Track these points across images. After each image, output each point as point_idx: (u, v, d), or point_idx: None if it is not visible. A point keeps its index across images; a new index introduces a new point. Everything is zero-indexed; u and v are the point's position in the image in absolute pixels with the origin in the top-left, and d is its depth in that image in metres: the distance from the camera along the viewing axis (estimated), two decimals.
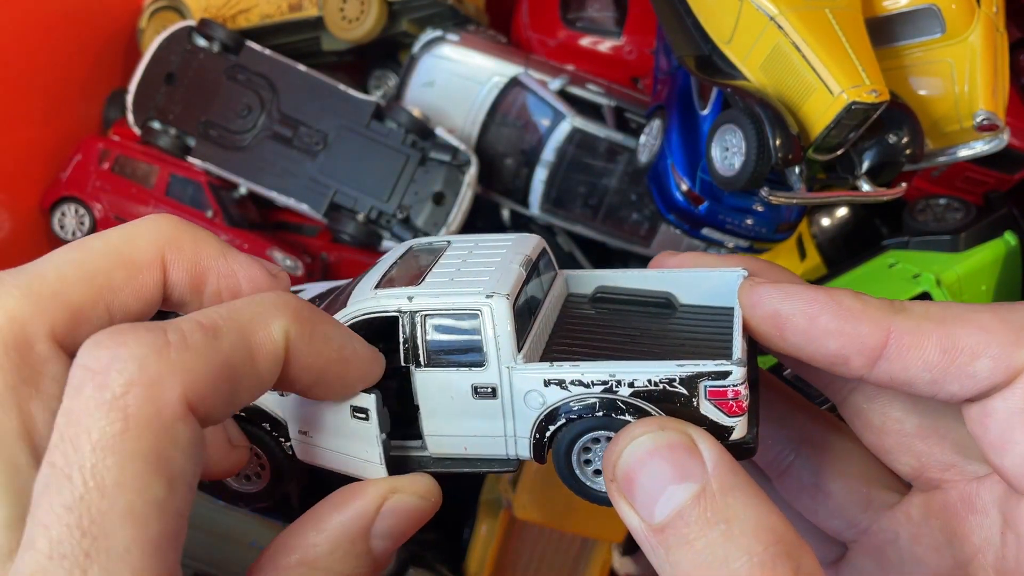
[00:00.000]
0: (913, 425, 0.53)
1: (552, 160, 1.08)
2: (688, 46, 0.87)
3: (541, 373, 0.52)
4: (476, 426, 0.54)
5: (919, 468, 0.53)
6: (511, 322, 0.52)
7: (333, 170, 1.07)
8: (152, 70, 1.09)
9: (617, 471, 0.45)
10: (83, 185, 1.08)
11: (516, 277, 0.55)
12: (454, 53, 1.12)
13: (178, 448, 0.36)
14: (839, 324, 0.48)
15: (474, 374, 0.53)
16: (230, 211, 1.08)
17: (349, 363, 0.49)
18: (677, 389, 0.49)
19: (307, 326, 0.44)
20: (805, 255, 1.06)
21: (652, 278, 0.62)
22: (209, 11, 1.15)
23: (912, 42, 0.87)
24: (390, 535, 0.48)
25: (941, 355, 0.47)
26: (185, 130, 1.09)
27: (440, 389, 0.53)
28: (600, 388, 0.50)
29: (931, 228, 0.95)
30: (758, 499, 0.42)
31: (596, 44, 1.19)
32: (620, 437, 0.46)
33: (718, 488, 0.42)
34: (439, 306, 0.53)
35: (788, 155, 0.77)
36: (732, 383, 0.49)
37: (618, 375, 0.50)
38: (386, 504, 0.48)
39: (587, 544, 1.10)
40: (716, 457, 0.43)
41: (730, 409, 0.50)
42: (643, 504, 0.43)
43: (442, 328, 0.53)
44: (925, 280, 0.89)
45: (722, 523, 0.40)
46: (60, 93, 1.12)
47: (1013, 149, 1.01)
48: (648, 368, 0.50)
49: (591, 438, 0.52)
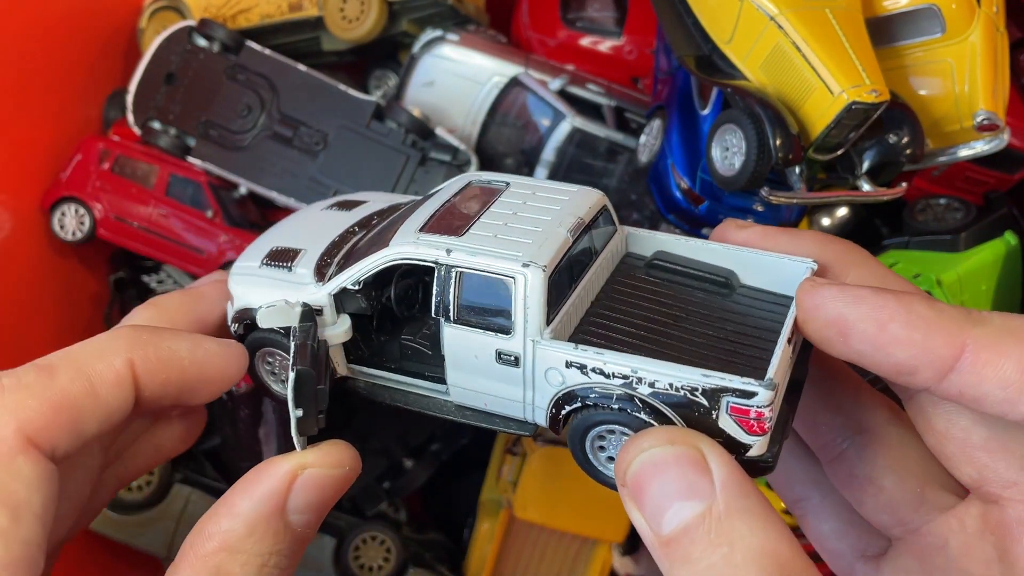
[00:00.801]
0: (980, 437, 0.50)
1: (552, 160, 1.08)
2: (688, 46, 0.87)
3: (564, 353, 0.51)
4: (497, 387, 0.54)
5: (979, 481, 0.50)
6: (543, 295, 0.51)
7: (333, 170, 1.07)
8: (152, 70, 1.09)
9: (628, 477, 0.45)
10: (83, 185, 1.08)
11: (560, 244, 0.53)
12: (454, 53, 1.12)
13: (20, 480, 0.39)
14: (910, 333, 0.45)
15: (499, 340, 0.52)
16: (230, 211, 1.08)
17: (205, 366, 0.51)
18: (697, 399, 0.48)
19: (148, 349, 0.48)
20: None
21: (715, 252, 0.59)
22: (209, 11, 1.15)
23: (912, 42, 0.87)
24: (308, 509, 0.49)
25: (1020, 374, 0.44)
26: (185, 130, 1.09)
27: (466, 346, 0.53)
28: (620, 381, 0.49)
29: (931, 228, 0.95)
30: (766, 523, 0.41)
31: (596, 44, 1.19)
32: (631, 444, 0.46)
33: (724, 509, 0.41)
34: (475, 265, 0.52)
35: (788, 155, 0.77)
36: (756, 404, 0.47)
37: (640, 372, 0.49)
38: (298, 480, 0.49)
39: (587, 544, 1.10)
40: (725, 476, 0.42)
41: (750, 428, 0.48)
42: (651, 514, 0.43)
43: (475, 288, 0.52)
44: (925, 280, 0.89)
45: (725, 546, 0.40)
46: (60, 93, 1.12)
47: (1013, 149, 1.01)
48: (672, 371, 0.48)
49: (606, 428, 0.52)
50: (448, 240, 0.54)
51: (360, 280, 0.57)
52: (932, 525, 0.54)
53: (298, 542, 0.49)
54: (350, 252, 0.61)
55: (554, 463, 1.03)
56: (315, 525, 0.51)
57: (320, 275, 0.59)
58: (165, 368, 0.49)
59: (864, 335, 0.47)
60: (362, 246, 0.61)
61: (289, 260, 0.61)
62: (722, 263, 0.60)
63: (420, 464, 1.15)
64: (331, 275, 0.59)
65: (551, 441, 1.02)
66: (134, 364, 0.47)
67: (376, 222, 0.65)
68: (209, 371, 0.52)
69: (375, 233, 0.62)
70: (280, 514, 0.48)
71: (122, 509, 1.05)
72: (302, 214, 0.72)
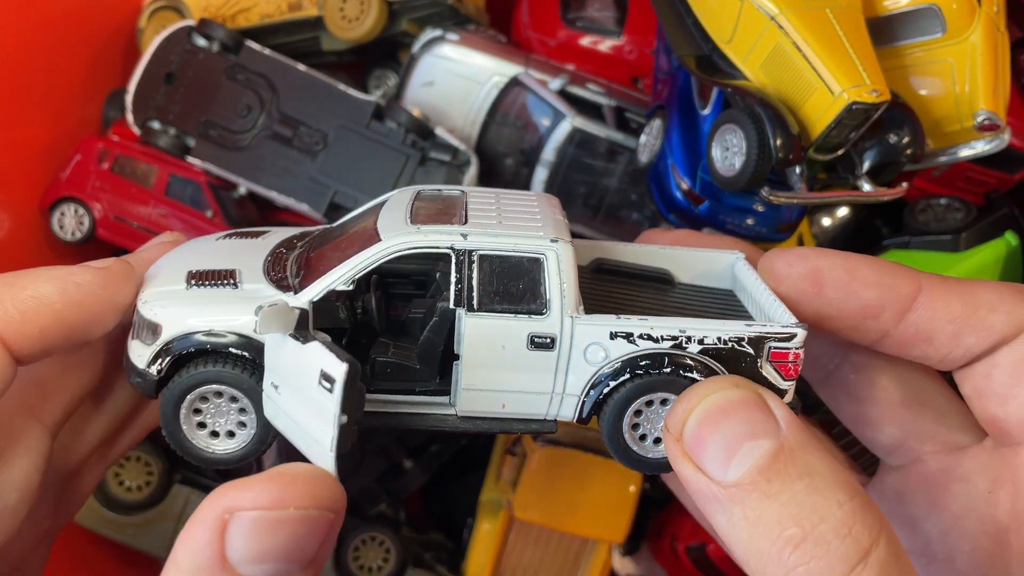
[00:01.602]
0: (899, 394, 0.55)
1: (552, 160, 1.07)
2: (688, 46, 0.87)
3: (607, 325, 0.49)
4: (523, 380, 0.51)
5: (901, 438, 0.55)
6: (575, 270, 0.50)
7: (333, 170, 1.07)
8: (152, 70, 1.09)
9: (686, 430, 0.45)
10: (83, 185, 1.08)
11: (567, 227, 0.53)
12: (454, 53, 1.12)
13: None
14: (877, 276, 0.51)
15: (533, 322, 0.50)
16: (229, 211, 1.08)
17: (84, 303, 0.47)
18: (745, 349, 0.49)
19: (7, 306, 0.45)
20: None
21: (650, 253, 0.61)
22: (209, 11, 1.15)
23: (913, 42, 0.87)
24: (264, 557, 0.39)
25: (963, 307, 0.50)
26: (185, 130, 1.09)
27: (491, 337, 0.50)
28: (669, 344, 0.49)
29: (932, 228, 0.95)
30: (831, 456, 0.43)
31: (596, 44, 1.19)
32: (689, 395, 0.46)
33: (796, 444, 0.43)
34: (499, 246, 0.50)
35: (789, 155, 0.77)
36: (795, 346, 0.49)
37: (689, 331, 0.49)
38: (229, 528, 0.39)
39: (587, 544, 1.10)
40: (787, 415, 0.44)
41: (787, 372, 0.50)
42: (715, 462, 0.43)
43: (500, 271, 0.50)
44: None
45: (805, 476, 0.41)
46: (60, 93, 1.12)
47: (1014, 149, 1.01)
48: (718, 326, 0.49)
49: (645, 401, 0.51)
50: (456, 227, 0.51)
51: (354, 279, 0.51)
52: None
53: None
54: (304, 265, 0.55)
55: (554, 463, 1.02)
56: (298, 571, 0.41)
57: (283, 287, 0.52)
58: (35, 319, 0.45)
59: (837, 282, 0.51)
60: (319, 257, 0.55)
61: (228, 278, 0.53)
62: (658, 263, 0.62)
63: (419, 465, 1.15)
64: (298, 285, 0.52)
65: (551, 441, 1.02)
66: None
67: (305, 242, 0.58)
68: (91, 305, 0.47)
69: (328, 246, 0.56)
70: (221, 567, 0.39)
71: (122, 510, 1.05)
72: (193, 244, 0.62)
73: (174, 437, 0.53)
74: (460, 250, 0.50)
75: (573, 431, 1.03)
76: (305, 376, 0.46)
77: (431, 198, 0.57)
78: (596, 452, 1.01)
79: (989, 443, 0.52)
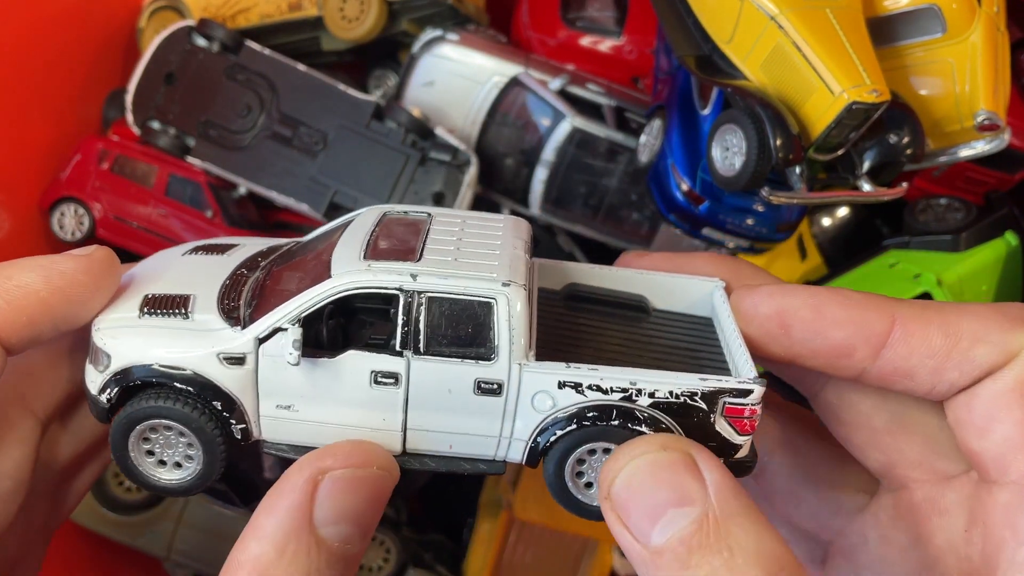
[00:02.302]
0: (882, 420, 0.52)
1: (552, 160, 1.07)
2: (689, 46, 0.87)
3: (556, 374, 0.49)
4: (468, 424, 0.50)
5: (887, 464, 0.53)
6: (527, 315, 0.49)
7: (333, 170, 1.07)
8: (152, 70, 1.09)
9: (613, 490, 0.44)
10: (82, 185, 1.08)
11: (525, 265, 0.51)
12: (454, 53, 1.12)
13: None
14: (846, 312, 0.48)
15: (480, 368, 0.49)
16: (229, 211, 1.08)
17: (67, 291, 0.47)
18: (697, 404, 0.48)
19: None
20: (806, 255, 1.06)
21: (625, 278, 0.59)
22: (209, 11, 1.15)
23: (913, 42, 0.87)
24: (341, 519, 0.44)
25: (944, 340, 0.47)
26: (185, 130, 1.09)
27: (437, 381, 0.50)
28: (619, 396, 0.48)
29: (932, 228, 0.95)
30: (760, 525, 0.41)
31: (596, 44, 1.19)
32: (619, 455, 0.45)
33: (720, 513, 0.41)
34: (448, 289, 0.49)
35: (789, 155, 0.77)
36: (751, 402, 0.48)
37: (639, 384, 0.48)
38: (320, 488, 0.44)
39: (587, 544, 1.10)
40: (719, 480, 0.42)
41: (743, 427, 0.48)
42: (639, 526, 0.42)
43: (448, 314, 0.49)
44: (926, 280, 0.88)
45: (725, 550, 0.40)
46: (59, 93, 1.12)
47: (1014, 149, 1.00)
48: (670, 380, 0.48)
49: (588, 449, 0.50)
50: (409, 265, 0.49)
51: (299, 318, 0.49)
52: (853, 525, 0.56)
53: (340, 560, 0.44)
54: (258, 293, 0.53)
55: None
56: (358, 538, 0.45)
57: (232, 320, 0.51)
58: (22, 308, 0.46)
59: (804, 322, 0.49)
60: (274, 285, 0.54)
61: (180, 306, 0.52)
62: (633, 289, 0.59)
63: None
64: (247, 318, 0.51)
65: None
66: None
67: (267, 262, 0.58)
68: (75, 293, 0.48)
69: (286, 270, 0.55)
70: (308, 529, 0.43)
71: (122, 510, 1.05)
72: (159, 259, 0.62)
73: (123, 463, 0.52)
74: (408, 291, 0.49)
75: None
76: (352, 382, 0.49)
77: (395, 224, 0.56)
78: None
79: (975, 474, 0.50)
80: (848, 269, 0.96)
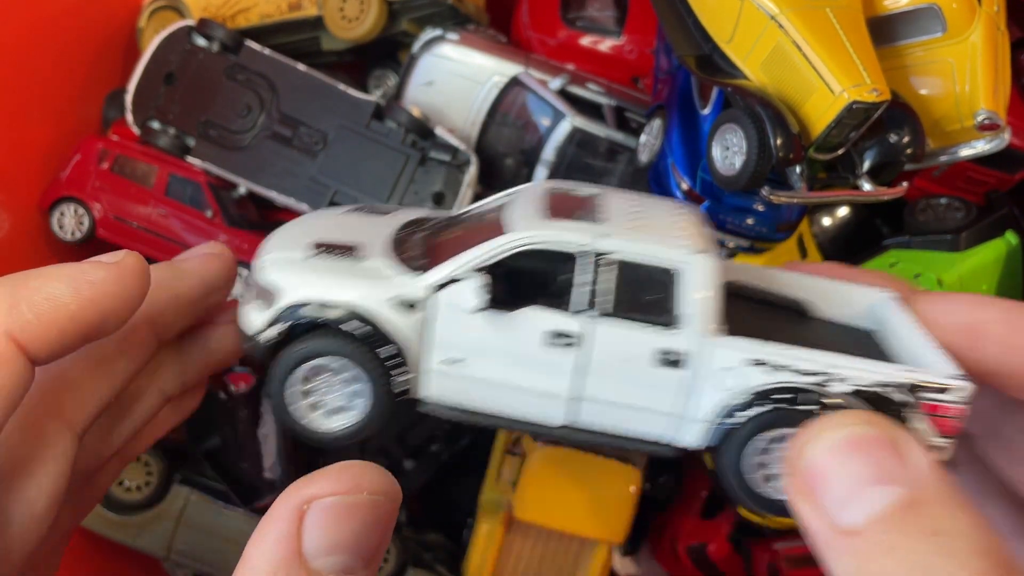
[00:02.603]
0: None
1: (552, 160, 1.07)
2: (689, 45, 0.87)
3: (749, 351, 0.46)
4: (642, 398, 0.47)
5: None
6: (719, 286, 0.46)
7: (333, 170, 1.07)
8: (151, 70, 1.09)
9: (803, 463, 0.40)
10: (82, 185, 1.08)
11: (714, 241, 0.49)
12: (454, 52, 1.12)
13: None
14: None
15: (664, 337, 0.46)
16: (229, 211, 1.08)
17: (98, 303, 0.46)
18: (895, 396, 0.45)
19: (23, 308, 0.44)
20: (806, 255, 1.06)
21: (784, 279, 0.56)
22: (208, 10, 1.15)
23: (913, 41, 0.87)
24: (334, 549, 0.41)
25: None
26: (184, 130, 1.09)
27: (615, 346, 0.47)
28: (813, 379, 0.45)
29: (932, 228, 0.95)
30: (973, 514, 0.37)
31: (596, 44, 1.19)
32: (814, 427, 0.40)
33: (932, 496, 0.37)
34: (639, 251, 0.46)
35: (789, 154, 0.77)
36: (958, 400, 0.45)
37: (839, 369, 0.45)
38: (306, 519, 0.40)
39: (587, 544, 1.10)
40: (928, 464, 0.38)
41: (946, 428, 0.45)
42: (832, 502, 0.38)
43: (635, 278, 0.47)
44: (926, 280, 0.89)
45: (935, 535, 0.36)
46: (59, 93, 1.12)
47: (1014, 149, 1.00)
48: (871, 368, 0.45)
49: (773, 436, 0.46)
50: (596, 226, 0.47)
51: (479, 268, 0.48)
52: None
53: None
54: (431, 248, 0.52)
55: (554, 463, 1.02)
56: (361, 567, 0.42)
57: (408, 267, 0.51)
58: (53, 322, 0.44)
59: (998, 337, 0.46)
60: (445, 241, 0.53)
61: (351, 251, 0.52)
62: (791, 293, 0.56)
63: (420, 465, 1.15)
64: (422, 268, 0.50)
65: (551, 441, 1.02)
66: (14, 336, 0.43)
67: (431, 224, 0.57)
68: (106, 304, 0.46)
69: (456, 231, 0.54)
70: (298, 562, 0.40)
71: (121, 510, 1.05)
72: (316, 216, 0.62)
73: (279, 405, 0.51)
74: (595, 252, 0.47)
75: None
76: (525, 339, 0.47)
77: (565, 196, 0.54)
78: (596, 452, 1.01)
79: None
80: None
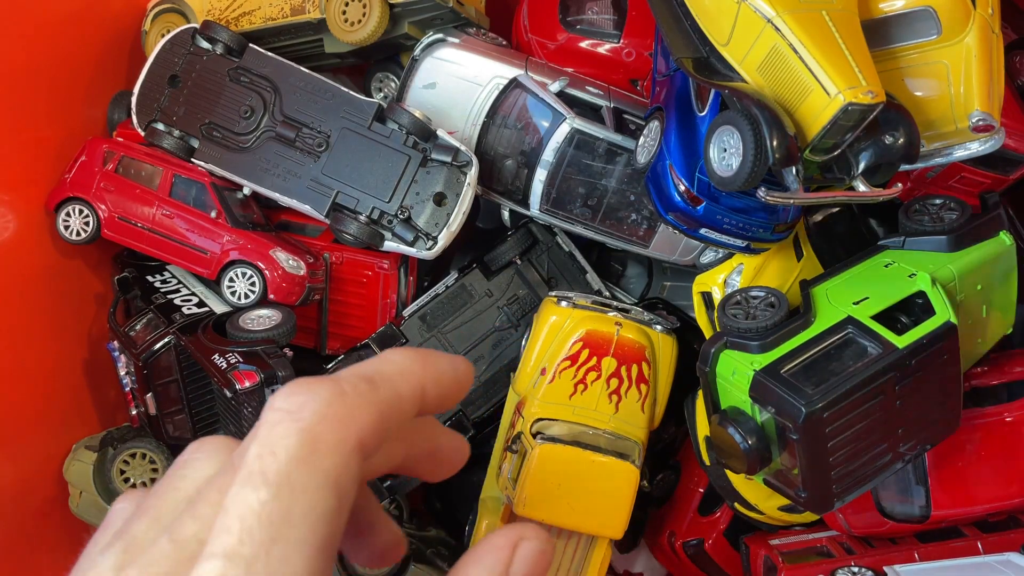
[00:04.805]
0: None
1: (552, 161, 1.08)
2: (686, 48, 0.88)
3: None
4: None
5: None
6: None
7: (335, 171, 1.08)
8: (156, 72, 1.10)
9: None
10: (87, 186, 1.09)
11: None
12: (455, 55, 1.13)
13: (348, 475, 0.41)
14: None
15: None
16: (233, 212, 1.09)
17: (461, 382, 0.52)
18: None
19: (430, 370, 0.49)
20: (802, 255, 1.07)
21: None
22: (212, 13, 1.16)
23: (908, 44, 0.88)
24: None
25: None
26: (189, 132, 1.10)
27: None
28: None
29: (927, 228, 0.96)
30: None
31: (595, 47, 1.20)
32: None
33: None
34: None
35: (785, 156, 0.78)
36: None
37: None
38: (517, 552, 0.46)
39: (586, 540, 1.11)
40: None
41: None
42: None
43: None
44: (921, 279, 0.89)
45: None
46: (64, 95, 1.13)
47: (1008, 150, 1.02)
48: None
49: None
50: None
51: None
52: None
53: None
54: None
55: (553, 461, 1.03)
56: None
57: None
58: (438, 387, 0.50)
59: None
60: None
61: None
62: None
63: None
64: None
65: (551, 439, 1.03)
66: (424, 386, 0.49)
67: None
68: (464, 383, 0.53)
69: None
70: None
71: None
72: None
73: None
74: None
75: (572, 429, 1.04)
76: None
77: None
78: (595, 449, 1.02)
79: None
80: (843, 269, 0.97)
